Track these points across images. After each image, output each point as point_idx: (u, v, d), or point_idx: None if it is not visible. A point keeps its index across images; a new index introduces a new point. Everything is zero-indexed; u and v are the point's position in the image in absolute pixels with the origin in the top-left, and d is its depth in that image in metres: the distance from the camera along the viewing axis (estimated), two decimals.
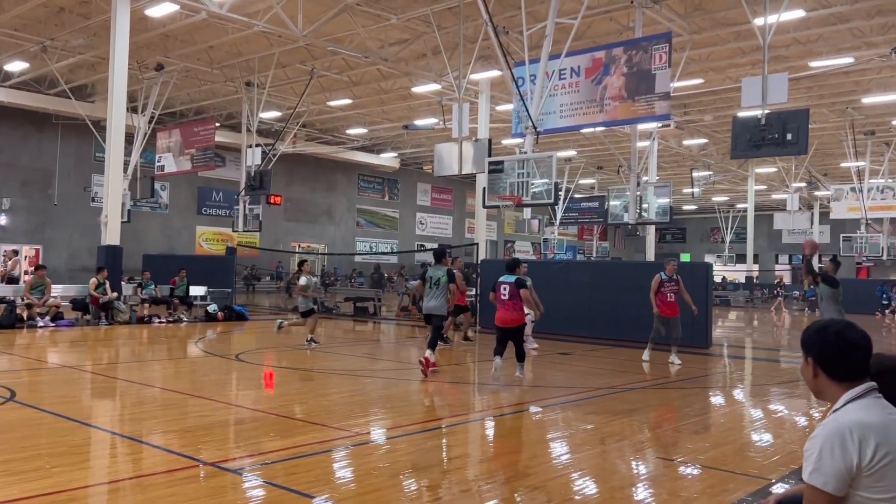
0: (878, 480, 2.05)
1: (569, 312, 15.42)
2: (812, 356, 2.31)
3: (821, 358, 2.28)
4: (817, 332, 2.33)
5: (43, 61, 22.60)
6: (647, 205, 21.72)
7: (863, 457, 2.06)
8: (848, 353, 2.25)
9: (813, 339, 2.32)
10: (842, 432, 2.09)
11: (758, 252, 46.72)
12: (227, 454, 5.70)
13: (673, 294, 11.93)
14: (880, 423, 2.11)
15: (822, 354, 2.28)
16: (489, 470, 5.66)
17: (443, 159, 18.83)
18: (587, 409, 8.21)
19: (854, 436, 2.07)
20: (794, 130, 13.36)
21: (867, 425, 2.09)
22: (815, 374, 2.30)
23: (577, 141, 32.77)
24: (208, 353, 12.65)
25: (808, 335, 2.34)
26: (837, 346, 2.27)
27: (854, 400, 2.19)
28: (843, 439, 2.07)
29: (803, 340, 2.36)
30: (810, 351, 2.32)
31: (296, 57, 23.14)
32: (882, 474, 2.05)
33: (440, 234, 46.89)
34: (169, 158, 25.00)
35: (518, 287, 9.66)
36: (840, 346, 2.26)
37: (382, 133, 35.27)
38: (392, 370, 11.17)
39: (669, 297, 11.90)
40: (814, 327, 2.36)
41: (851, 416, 2.13)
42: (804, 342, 2.35)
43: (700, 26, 19.28)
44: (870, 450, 2.06)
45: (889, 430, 2.11)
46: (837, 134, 30.27)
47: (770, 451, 6.59)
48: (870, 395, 2.21)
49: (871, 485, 2.06)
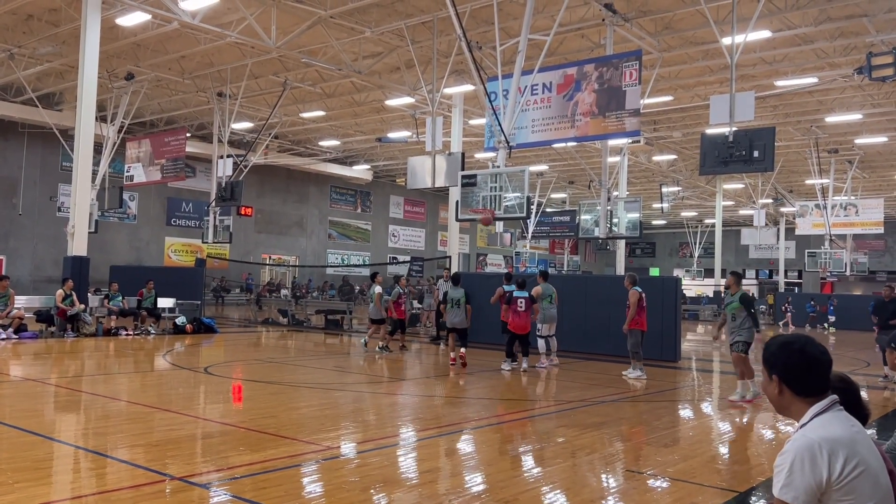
0: (847, 494, 2.08)
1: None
2: (776, 373, 2.31)
3: (785, 375, 2.29)
4: (780, 348, 2.33)
5: (10, 68, 22.23)
6: (617, 219, 21.95)
7: (832, 471, 2.08)
8: (812, 369, 2.27)
9: (777, 356, 2.32)
10: (811, 448, 2.11)
11: (725, 267, 47.30)
12: (195, 468, 5.62)
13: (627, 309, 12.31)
14: (847, 436, 2.15)
15: (786, 371, 2.29)
16: (460, 484, 5.66)
17: (416, 172, 18.86)
18: (558, 422, 8.24)
19: (823, 451, 2.10)
20: (760, 148, 13.63)
21: (835, 440, 2.12)
22: (780, 390, 2.31)
23: (548, 155, 33.06)
24: (176, 365, 12.47)
25: (772, 353, 2.34)
26: (802, 362, 2.27)
27: (819, 414, 2.22)
28: (812, 455, 2.10)
29: (766, 358, 2.36)
30: (774, 368, 2.32)
31: (269, 68, 23.06)
32: (851, 487, 2.08)
33: (413, 246, 46.87)
34: (138, 168, 24.69)
35: (532, 302, 12.63)
36: (804, 362, 2.27)
37: (355, 145, 35.23)
38: (363, 384, 11.11)
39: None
40: (775, 344, 2.36)
41: (819, 432, 2.15)
42: (767, 360, 2.35)
43: (670, 45, 19.63)
44: (839, 464, 2.08)
45: (855, 442, 2.15)
46: (802, 151, 30.94)
47: (738, 463, 6.68)
48: (833, 409, 2.24)
49: (840, 498, 2.08)
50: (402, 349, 15.56)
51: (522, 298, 12.57)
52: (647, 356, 14.55)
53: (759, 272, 55.11)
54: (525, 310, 12.54)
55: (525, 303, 12.55)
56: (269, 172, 36.91)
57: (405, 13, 17.98)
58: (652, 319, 14.86)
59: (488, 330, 15.78)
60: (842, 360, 16.29)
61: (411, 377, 11.93)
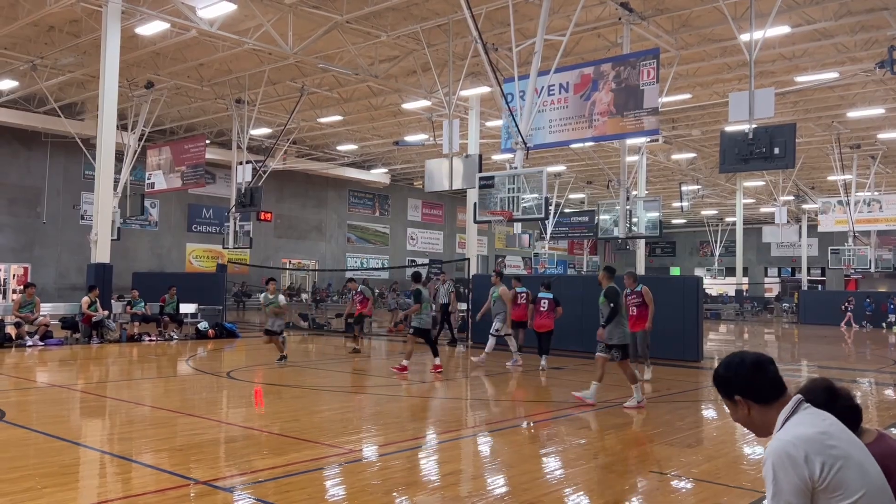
0: (835, 490, 2.04)
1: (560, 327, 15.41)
2: (738, 394, 2.33)
3: (745, 389, 2.31)
4: (728, 369, 2.36)
5: (32, 79, 22.58)
6: (636, 219, 21.82)
7: (812, 470, 2.05)
8: (762, 372, 2.31)
9: (731, 379, 2.35)
10: (786, 450, 2.09)
11: (747, 265, 47.00)
12: (219, 472, 5.66)
13: (635, 307, 11.45)
14: (819, 431, 2.12)
15: (743, 385, 2.31)
16: (483, 486, 5.65)
17: (433, 175, 18.89)
18: (580, 424, 8.21)
19: (799, 450, 2.07)
20: (781, 144, 13.49)
21: (808, 439, 2.09)
22: (748, 408, 2.32)
23: (566, 156, 32.95)
24: (199, 370, 12.57)
25: (725, 379, 2.36)
26: (750, 371, 2.32)
27: (789, 417, 2.21)
28: (790, 456, 2.08)
29: (721, 385, 2.38)
30: (732, 389, 2.34)
31: (286, 74, 23.21)
32: (837, 483, 2.04)
33: (431, 249, 46.91)
34: (159, 176, 24.96)
35: (557, 304, 13.08)
36: (752, 370, 2.32)
37: (373, 149, 35.35)
38: (384, 386, 11.14)
39: (632, 311, 11.42)
40: (720, 368, 2.39)
41: (792, 433, 2.14)
42: (723, 386, 2.37)
43: (687, 42, 19.49)
44: (817, 463, 2.05)
45: (829, 436, 2.11)
46: (824, 148, 30.58)
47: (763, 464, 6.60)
48: (801, 410, 2.23)
49: (830, 496, 2.05)
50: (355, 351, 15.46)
51: (546, 299, 13.05)
52: (669, 356, 14.48)
53: (781, 270, 54.51)
54: (547, 310, 12.99)
55: (548, 303, 13.01)
56: (288, 178, 37.15)
57: (420, 16, 18.02)
58: (673, 319, 14.78)
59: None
60: None
61: (431, 379, 11.94)
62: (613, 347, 9.24)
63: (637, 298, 11.40)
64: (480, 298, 18.07)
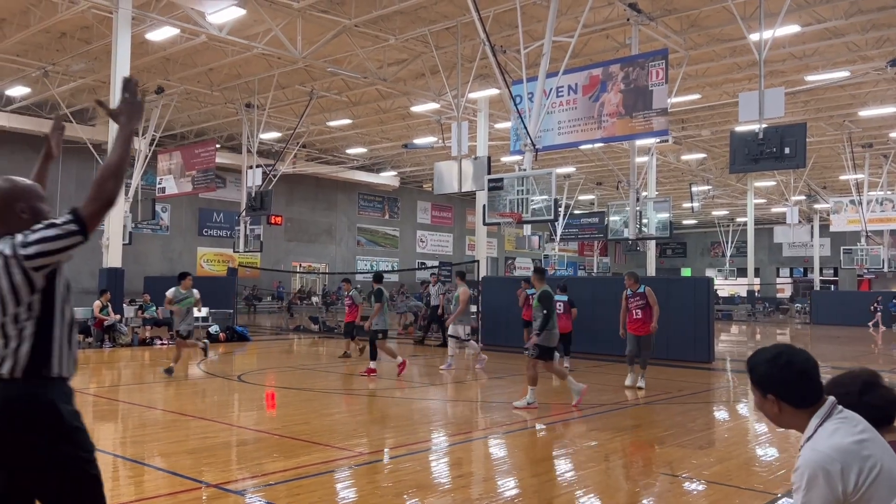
0: (869, 500, 2.03)
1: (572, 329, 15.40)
2: (772, 392, 2.23)
3: (782, 391, 2.22)
4: (768, 365, 2.25)
5: (44, 86, 22.76)
6: (646, 220, 21.75)
7: (847, 484, 2.01)
8: (804, 379, 2.21)
9: (767, 374, 2.25)
10: (824, 462, 2.04)
11: (759, 266, 46.74)
12: (231, 476, 5.68)
13: (640, 310, 11.10)
14: (855, 441, 2.08)
15: (782, 388, 2.22)
16: (493, 488, 5.64)
17: (442, 177, 18.91)
18: (591, 426, 8.18)
19: (836, 464, 2.03)
20: (791, 144, 13.42)
21: (845, 450, 2.05)
22: (779, 408, 2.23)
23: (575, 157, 32.90)
24: (210, 374, 12.63)
25: (761, 372, 2.26)
26: (793, 374, 2.21)
27: (823, 423, 2.15)
28: (825, 469, 2.03)
29: (757, 379, 2.28)
30: (768, 388, 2.24)
31: (295, 78, 23.30)
32: (869, 496, 2.02)
33: (441, 251, 46.93)
34: (170, 180, 25.10)
35: (572, 306, 13.37)
36: (795, 373, 2.21)
37: (382, 152, 35.42)
38: (394, 389, 11.14)
39: (636, 314, 11.12)
40: (760, 362, 2.27)
41: (828, 443, 2.08)
42: (758, 381, 2.27)
43: (696, 42, 19.43)
44: (853, 475, 2.01)
45: (864, 446, 2.08)
46: (835, 147, 30.38)
47: (775, 465, 6.57)
48: (835, 414, 2.17)
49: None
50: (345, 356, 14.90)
51: (562, 302, 13.15)
52: (680, 357, 14.42)
53: (793, 270, 54.18)
54: (564, 312, 13.07)
55: (564, 306, 13.15)
56: (298, 181, 37.26)
57: (428, 19, 18.05)
58: (684, 320, 14.72)
59: (508, 332, 15.72)
60: None
61: (441, 382, 11.94)
62: (535, 346, 9.11)
63: (640, 300, 11.03)
64: (491, 301, 18.09)
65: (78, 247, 2.52)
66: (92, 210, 2.45)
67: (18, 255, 2.43)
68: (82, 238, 2.47)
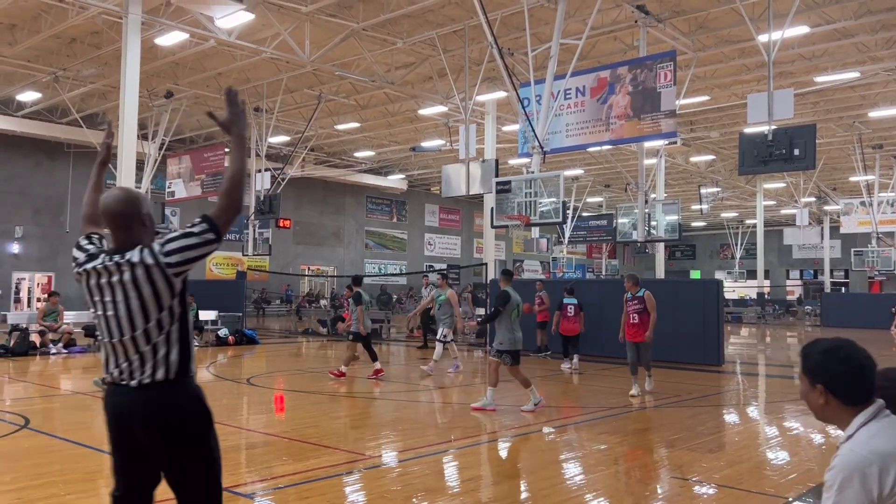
0: None
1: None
2: (822, 383, 2.16)
3: (833, 384, 2.15)
4: (825, 356, 2.18)
5: (55, 91, 22.92)
6: (655, 222, 21.70)
7: (883, 488, 1.97)
8: (859, 376, 2.14)
9: (822, 364, 2.18)
10: (860, 465, 2.00)
11: (768, 268, 46.49)
12: (240, 479, 5.69)
13: (637, 315, 10.57)
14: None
15: (834, 381, 2.15)
16: (503, 492, 5.63)
17: (450, 180, 18.91)
18: (600, 429, 8.16)
19: (874, 467, 1.99)
20: (801, 146, 13.35)
21: (886, 454, 2.01)
22: (826, 401, 2.17)
23: (583, 160, 32.85)
24: (220, 377, 12.66)
25: (816, 361, 2.19)
26: (849, 369, 2.13)
27: (866, 424, 2.11)
28: (862, 472, 1.99)
29: (809, 367, 2.20)
30: (819, 377, 2.17)
31: (303, 82, 23.38)
32: None
33: (448, 254, 46.93)
34: (179, 184, 25.21)
35: (580, 308, 13.76)
36: (852, 369, 2.13)
37: (390, 155, 35.47)
38: (403, 392, 11.15)
39: (633, 319, 10.62)
40: (817, 351, 2.21)
41: (868, 446, 2.04)
42: (811, 369, 2.20)
43: (704, 44, 19.37)
44: (890, 479, 1.97)
45: None
46: (845, 148, 30.22)
47: (786, 469, 6.53)
48: (881, 417, 2.12)
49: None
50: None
51: (571, 305, 13.72)
52: (689, 360, 14.36)
53: (803, 272, 53.89)
54: (573, 314, 13.66)
55: (574, 308, 13.69)
56: (306, 185, 37.37)
57: (436, 23, 18.08)
58: (694, 323, 14.67)
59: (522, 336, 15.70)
60: None
61: (450, 385, 11.93)
62: (504, 353, 8.96)
63: (638, 304, 10.54)
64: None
65: (212, 253, 2.74)
66: (226, 219, 2.67)
67: (161, 264, 2.62)
68: (217, 245, 2.71)
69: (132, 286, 2.61)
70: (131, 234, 2.72)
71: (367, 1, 17.22)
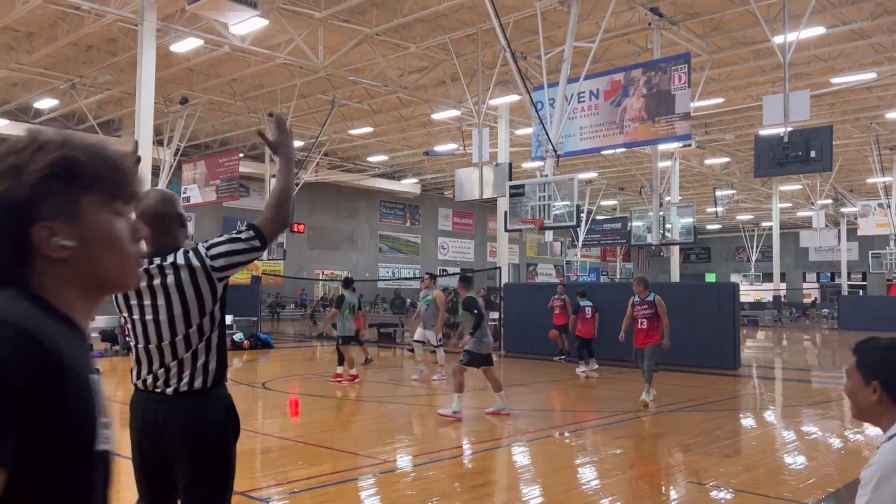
0: None
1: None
2: (879, 380, 2.10)
3: (890, 383, 2.08)
4: (885, 353, 2.12)
5: (72, 98, 23.15)
6: (670, 225, 21.58)
7: None
8: None
9: (882, 361, 2.11)
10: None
11: (784, 270, 46.10)
12: (255, 483, 5.71)
13: (645, 320, 10.16)
14: None
15: (892, 379, 2.08)
16: (518, 497, 5.61)
17: (463, 184, 18.91)
18: (616, 434, 8.11)
19: None
20: (817, 147, 13.25)
21: None
22: (879, 399, 2.11)
23: (597, 163, 32.76)
24: (235, 381, 12.72)
25: (875, 358, 2.13)
26: None
27: None
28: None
29: (867, 364, 2.14)
30: (877, 375, 2.11)
31: (317, 87, 23.47)
32: None
33: (462, 258, 46.92)
34: (194, 190, 25.37)
35: (596, 311, 14.06)
36: None
37: (403, 159, 35.54)
38: (418, 396, 11.14)
39: (641, 324, 10.21)
40: (877, 348, 2.15)
41: None
42: (868, 365, 2.14)
43: (719, 46, 19.27)
44: None
45: None
46: (862, 149, 29.94)
47: (804, 474, 6.46)
48: None
49: None
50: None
51: (588, 307, 14.02)
52: (705, 364, 14.25)
53: (819, 275, 53.40)
54: (591, 317, 13.94)
55: (591, 310, 13.99)
56: (320, 189, 37.50)
57: (449, 27, 18.10)
58: (709, 326, 14.56)
59: (532, 339, 15.66)
60: None
61: (466, 389, 11.91)
62: (465, 352, 8.80)
63: (648, 309, 10.10)
64: (513, 307, 18.04)
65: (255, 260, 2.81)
66: (272, 229, 2.69)
67: (208, 267, 2.62)
68: (260, 254, 2.74)
69: (175, 289, 2.60)
70: (172, 236, 2.72)
71: (381, 6, 17.27)
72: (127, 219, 1.09)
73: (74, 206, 1.01)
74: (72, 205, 1.01)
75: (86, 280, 1.05)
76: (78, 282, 1.04)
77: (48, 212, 0.99)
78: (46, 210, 0.99)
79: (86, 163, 1.03)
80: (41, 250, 1.00)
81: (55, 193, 1.00)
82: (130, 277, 1.12)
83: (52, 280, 1.01)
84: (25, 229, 0.98)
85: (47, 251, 1.00)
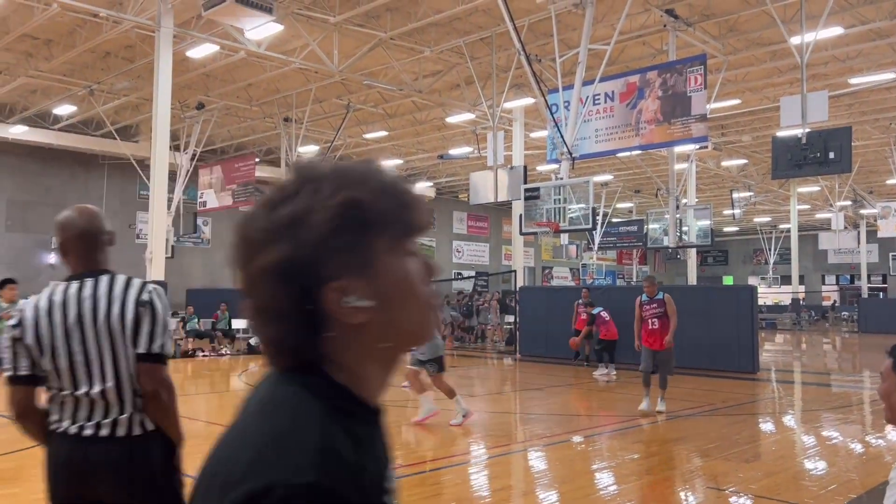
0: None
1: None
2: None
3: None
4: None
5: (90, 104, 23.39)
6: (687, 227, 21.44)
7: None
8: None
9: None
10: None
11: (803, 273, 45.62)
12: None
13: (656, 319, 9.77)
14: None
15: None
16: (534, 501, 5.57)
17: (478, 187, 18.89)
18: (633, 438, 8.05)
19: None
20: (836, 149, 13.12)
21: None
22: None
23: (613, 165, 32.61)
24: (252, 385, 12.77)
25: None
26: None
27: None
28: None
29: None
30: None
31: (332, 92, 23.56)
32: None
33: (477, 261, 46.87)
34: (211, 194, 25.54)
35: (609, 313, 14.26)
36: None
37: (418, 163, 35.58)
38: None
39: (652, 325, 9.81)
40: None
41: None
42: None
43: (735, 47, 19.13)
44: None
45: None
46: (882, 150, 29.60)
47: (826, 479, 6.37)
48: None
49: None
50: None
51: (603, 311, 14.21)
52: (724, 367, 14.12)
53: (839, 278, 52.81)
54: (610, 318, 14.03)
55: (607, 313, 14.17)
56: None
57: (463, 31, 18.11)
58: (728, 329, 14.43)
59: (548, 342, 15.59)
60: None
61: (480, 393, 11.88)
62: (427, 362, 8.43)
63: (657, 308, 9.71)
64: (528, 311, 17.98)
65: None
66: (150, 404, 2.72)
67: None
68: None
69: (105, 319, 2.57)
70: (94, 260, 2.64)
71: (395, 10, 17.31)
72: (418, 257, 0.92)
73: (366, 256, 0.84)
74: (363, 255, 0.84)
75: (385, 343, 0.88)
76: (377, 347, 0.87)
77: (338, 268, 0.82)
78: (336, 267, 0.82)
79: (371, 202, 0.86)
80: (333, 317, 0.83)
81: (346, 246, 0.83)
82: (430, 330, 0.94)
83: (348, 353, 0.85)
84: (316, 295, 0.82)
85: (340, 317, 0.82)
